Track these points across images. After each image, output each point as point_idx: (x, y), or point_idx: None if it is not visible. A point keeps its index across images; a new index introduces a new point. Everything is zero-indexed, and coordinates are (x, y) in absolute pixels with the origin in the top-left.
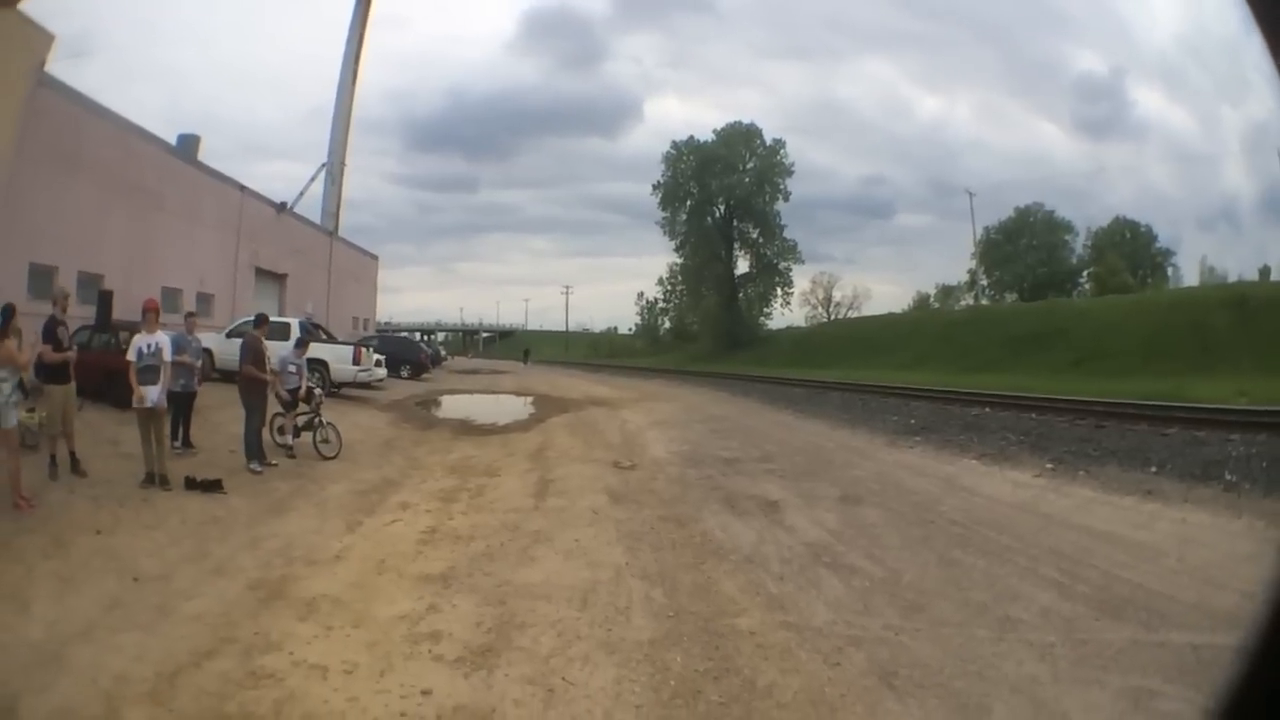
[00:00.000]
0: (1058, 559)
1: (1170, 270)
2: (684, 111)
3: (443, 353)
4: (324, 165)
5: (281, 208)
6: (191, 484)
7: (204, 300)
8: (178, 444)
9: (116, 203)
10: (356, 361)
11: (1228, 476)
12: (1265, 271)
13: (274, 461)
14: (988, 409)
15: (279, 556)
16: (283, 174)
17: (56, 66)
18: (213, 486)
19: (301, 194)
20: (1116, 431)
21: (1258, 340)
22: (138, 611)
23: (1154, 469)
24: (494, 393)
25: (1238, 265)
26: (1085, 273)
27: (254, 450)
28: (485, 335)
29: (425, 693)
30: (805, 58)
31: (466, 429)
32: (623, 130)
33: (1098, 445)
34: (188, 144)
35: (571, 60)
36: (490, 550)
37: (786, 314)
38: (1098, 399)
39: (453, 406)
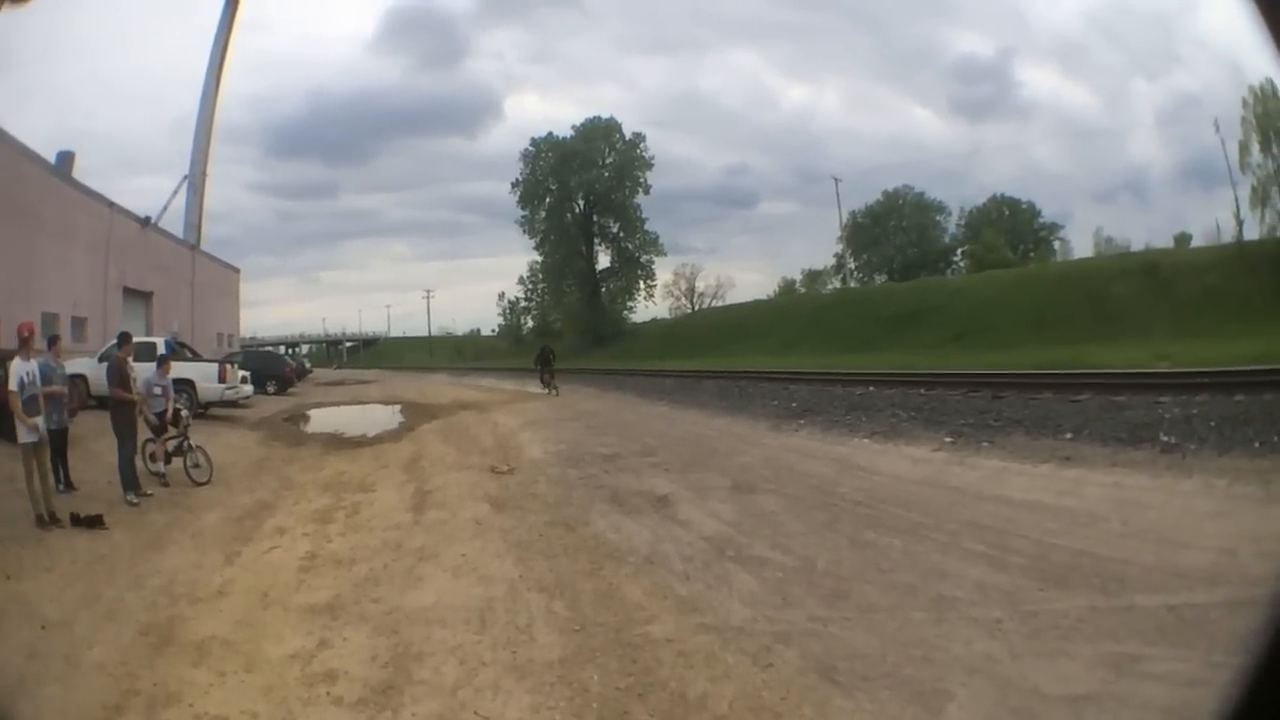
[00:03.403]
0: (979, 532)
1: (1057, 244)
2: (544, 108)
3: (308, 365)
4: (185, 177)
5: (146, 222)
6: (76, 520)
7: (78, 324)
8: (61, 485)
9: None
10: (222, 380)
11: (1164, 438)
12: (1184, 238)
13: (149, 491)
14: (872, 388)
15: (163, 595)
16: (155, 188)
17: None
18: (95, 522)
19: (165, 207)
20: (1018, 401)
21: (1173, 306)
22: (52, 662)
23: (1069, 435)
24: (362, 403)
25: (1145, 234)
26: (960, 251)
27: (129, 481)
28: (349, 345)
29: None
30: (669, 51)
31: (337, 443)
32: (482, 128)
33: (998, 415)
34: (64, 161)
35: (432, 58)
36: (374, 573)
37: (650, 307)
38: (989, 371)
39: (322, 420)
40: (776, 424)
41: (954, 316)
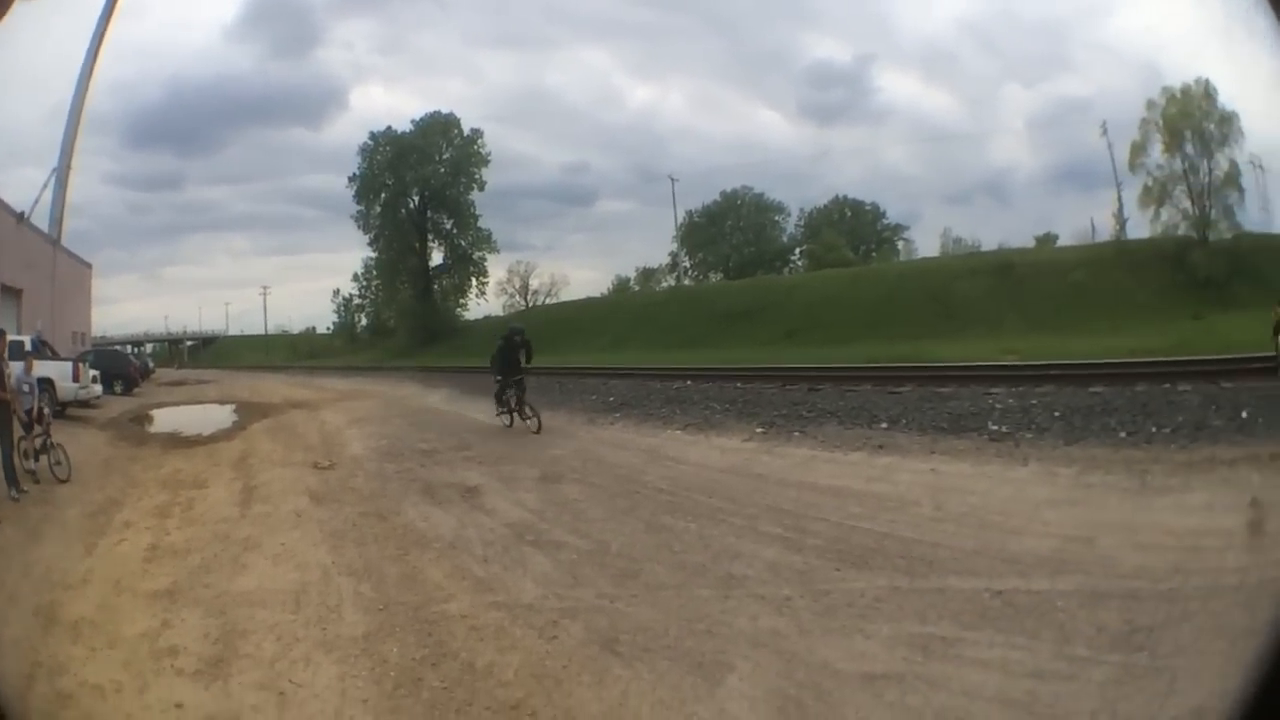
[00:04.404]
0: (779, 516)
1: (901, 244)
2: (390, 101)
3: (151, 365)
4: (54, 170)
5: (21, 217)
6: None
7: None
8: None
9: None
10: (76, 379)
11: (994, 427)
12: (1048, 238)
13: (25, 488)
14: (689, 382)
15: (45, 583)
16: (34, 180)
17: None
18: None
19: (36, 201)
20: (834, 393)
21: (1029, 303)
22: None
23: (884, 425)
24: (200, 403)
25: (1001, 235)
26: (798, 251)
27: (11, 477)
28: (190, 344)
29: (178, 706)
30: (518, 46)
31: (176, 442)
32: (327, 119)
33: (812, 407)
34: None
35: (285, 46)
36: (206, 562)
37: (483, 304)
38: (812, 365)
39: (163, 420)
40: (592, 417)
41: (787, 314)
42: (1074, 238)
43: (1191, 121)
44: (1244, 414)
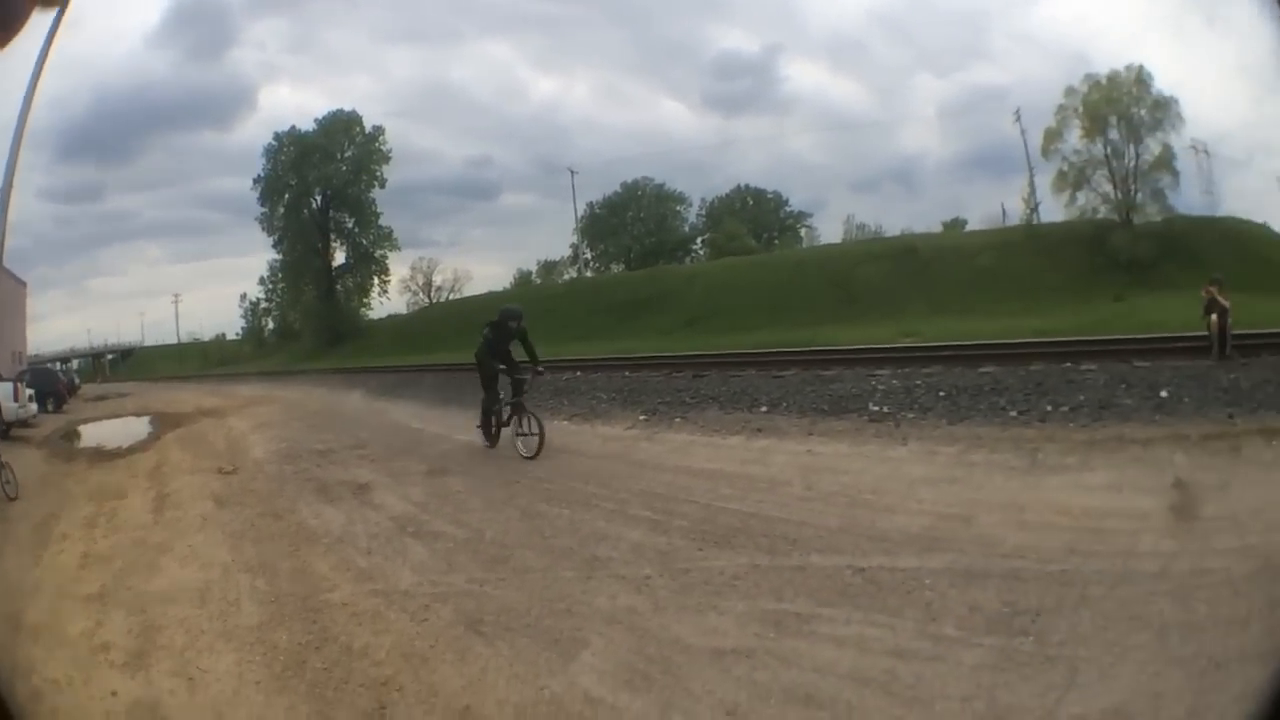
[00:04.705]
0: (649, 499)
1: (804, 232)
2: (297, 99)
3: (77, 381)
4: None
5: None
6: None
7: None
8: None
9: None
10: (16, 398)
11: (874, 408)
12: (957, 223)
13: None
14: (579, 373)
15: (7, 592)
16: None
17: None
18: None
19: None
20: (718, 379)
21: (932, 287)
22: None
23: (764, 408)
24: (120, 416)
25: (908, 221)
26: (700, 240)
27: None
28: (110, 357)
29: (114, 694)
30: (424, 41)
31: (100, 456)
32: (238, 121)
33: (695, 393)
34: None
35: (201, 48)
36: (127, 566)
37: (386, 303)
38: (701, 352)
39: (89, 435)
40: None
41: (687, 302)
42: (984, 223)
43: (1118, 107)
44: (1163, 394)
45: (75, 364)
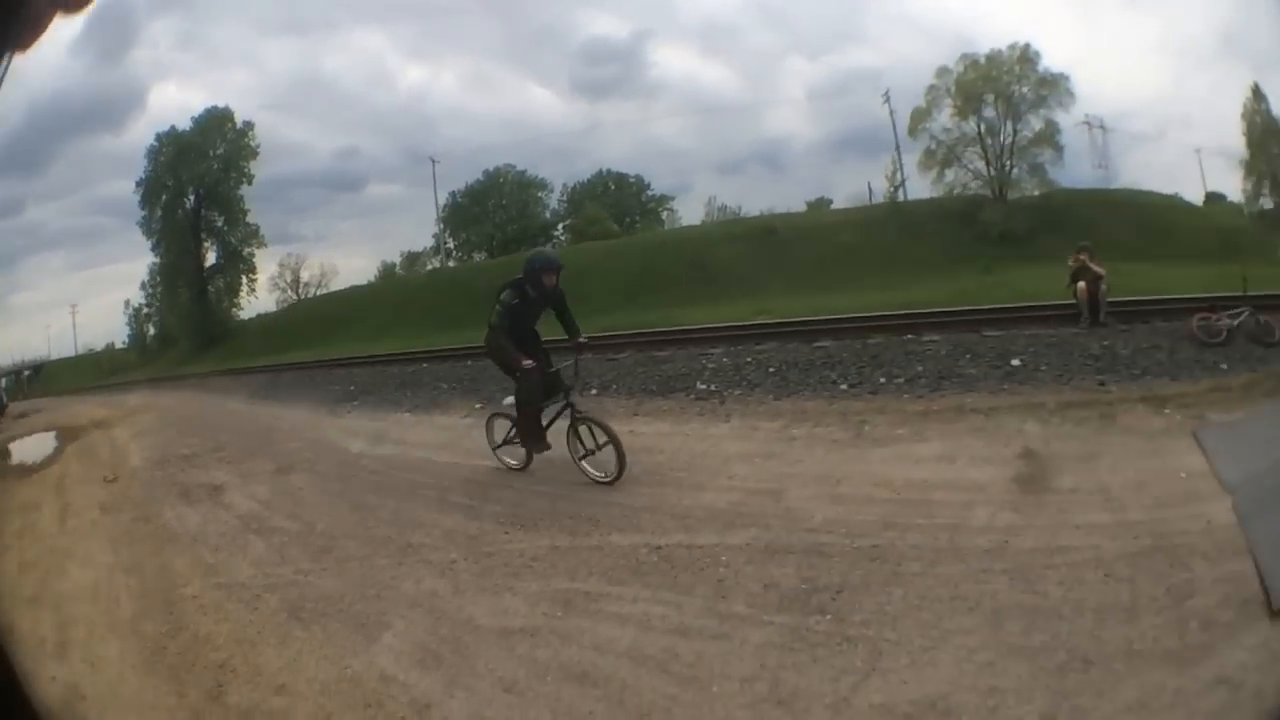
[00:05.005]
0: (469, 487)
1: (666, 215)
2: (182, 97)
3: (4, 399)
4: None
5: None
6: None
7: None
8: None
9: None
10: None
11: (701, 386)
12: (821, 203)
13: None
14: (425, 364)
15: None
16: None
17: None
18: None
19: None
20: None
21: (790, 265)
22: None
23: (594, 391)
24: (36, 432)
25: (773, 201)
26: (561, 225)
27: None
28: (27, 374)
29: (53, 679)
30: (301, 32)
31: (23, 472)
32: (130, 122)
33: None
34: None
35: (108, 51)
36: (47, 570)
37: (254, 301)
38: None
39: (15, 452)
40: (334, 407)
41: None
42: (849, 202)
43: (996, 85)
44: (1014, 362)
45: (3, 382)
